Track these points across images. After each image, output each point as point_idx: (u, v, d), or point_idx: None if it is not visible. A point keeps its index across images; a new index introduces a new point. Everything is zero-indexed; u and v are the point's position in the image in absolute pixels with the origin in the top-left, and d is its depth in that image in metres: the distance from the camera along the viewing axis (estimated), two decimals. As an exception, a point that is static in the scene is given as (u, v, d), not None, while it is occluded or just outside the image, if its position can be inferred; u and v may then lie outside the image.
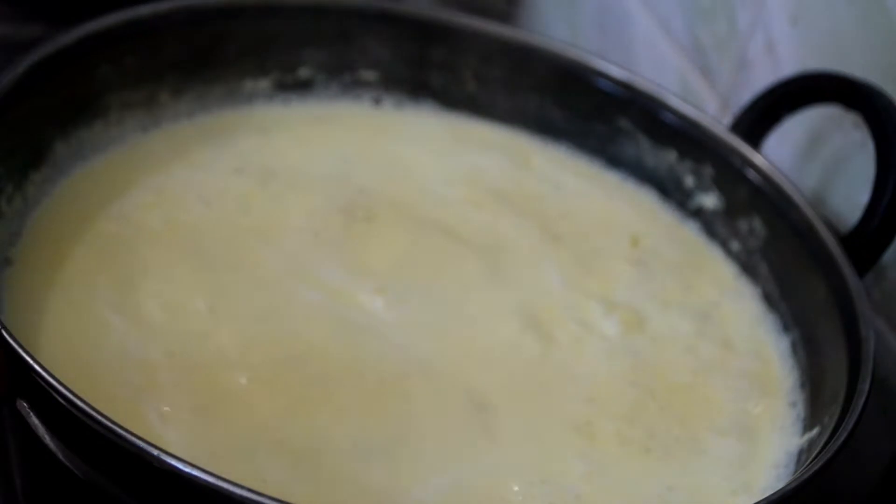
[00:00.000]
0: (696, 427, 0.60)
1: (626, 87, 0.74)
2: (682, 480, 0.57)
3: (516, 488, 0.55)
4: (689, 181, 0.73)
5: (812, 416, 0.60)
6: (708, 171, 0.72)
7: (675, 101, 0.73)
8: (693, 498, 0.56)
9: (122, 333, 0.58)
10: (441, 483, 0.54)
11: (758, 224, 0.69)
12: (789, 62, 0.72)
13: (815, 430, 0.58)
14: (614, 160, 0.76)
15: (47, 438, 0.49)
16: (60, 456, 0.49)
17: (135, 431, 0.46)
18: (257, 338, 0.59)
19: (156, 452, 0.45)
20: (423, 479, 0.54)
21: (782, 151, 0.72)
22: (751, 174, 0.69)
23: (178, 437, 0.53)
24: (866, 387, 0.54)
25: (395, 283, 0.64)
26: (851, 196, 0.68)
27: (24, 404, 0.50)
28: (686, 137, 0.72)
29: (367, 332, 0.61)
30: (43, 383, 0.47)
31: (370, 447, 0.55)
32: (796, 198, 0.66)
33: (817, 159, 0.72)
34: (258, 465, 0.53)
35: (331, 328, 0.60)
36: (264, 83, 0.75)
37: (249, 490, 0.44)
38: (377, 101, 0.78)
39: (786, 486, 0.50)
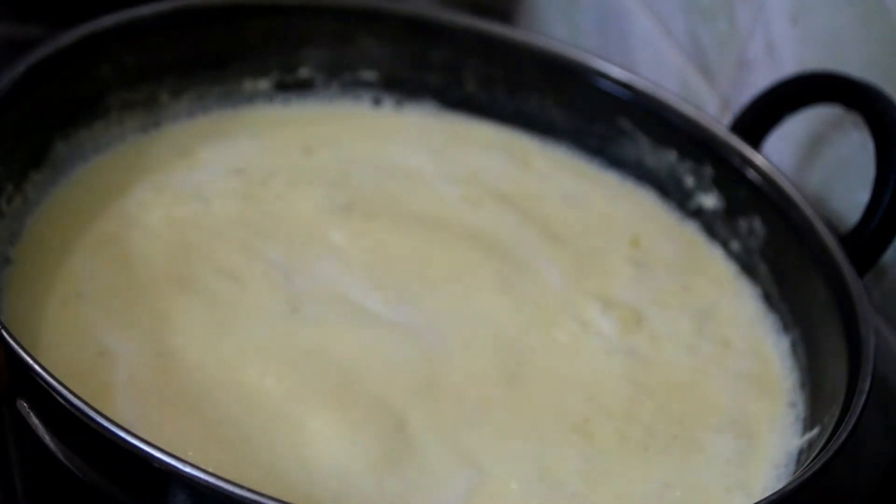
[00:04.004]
0: (694, 426, 0.60)
1: (626, 87, 0.74)
2: (680, 478, 0.57)
3: (514, 486, 0.55)
4: (689, 181, 0.73)
5: (812, 416, 0.60)
6: (708, 171, 0.72)
7: (675, 101, 0.73)
8: (690, 496, 0.56)
9: (123, 333, 0.58)
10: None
11: (758, 224, 0.69)
12: (789, 62, 0.72)
13: (815, 430, 0.58)
14: (614, 160, 0.76)
15: (47, 438, 0.49)
16: (60, 456, 0.49)
17: (134, 431, 0.46)
18: (257, 337, 0.59)
19: (156, 453, 0.45)
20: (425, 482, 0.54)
21: (782, 151, 0.72)
22: (751, 174, 0.69)
23: (175, 437, 0.53)
24: (866, 387, 0.54)
25: (394, 281, 0.64)
26: (851, 196, 0.67)
27: (24, 404, 0.50)
28: (686, 137, 0.72)
29: (366, 330, 0.61)
30: (43, 383, 0.47)
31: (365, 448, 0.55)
32: (796, 198, 0.66)
33: (817, 159, 0.71)
34: (249, 463, 0.53)
35: (330, 327, 0.61)
36: (264, 83, 0.75)
37: (249, 490, 0.44)
38: (377, 101, 0.78)
39: (786, 486, 0.50)
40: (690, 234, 0.73)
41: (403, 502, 0.53)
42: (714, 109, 0.79)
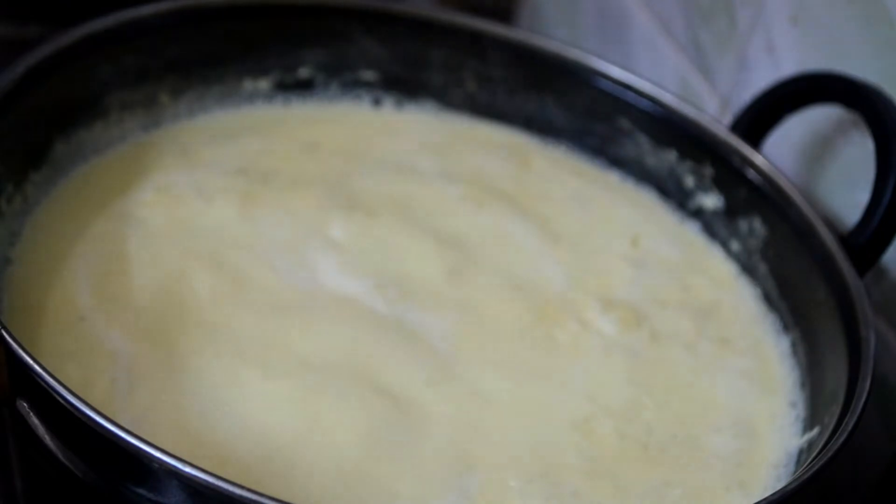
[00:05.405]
0: (694, 425, 0.60)
1: (626, 87, 0.74)
2: (680, 477, 0.57)
3: (514, 484, 0.55)
4: (689, 181, 0.73)
5: (812, 416, 0.60)
6: (708, 171, 0.72)
7: (675, 101, 0.73)
8: (689, 495, 0.56)
9: (123, 333, 0.58)
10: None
11: (758, 224, 0.69)
12: (789, 62, 0.72)
13: (815, 430, 0.58)
14: (614, 160, 0.76)
15: (47, 438, 0.49)
16: (60, 456, 0.49)
17: (134, 432, 0.46)
18: (259, 336, 0.59)
19: (156, 453, 0.45)
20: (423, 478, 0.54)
21: (782, 151, 0.72)
22: (751, 174, 0.69)
23: (175, 436, 0.53)
24: (866, 387, 0.54)
25: (395, 281, 0.64)
26: (851, 196, 0.67)
27: (24, 404, 0.50)
28: (686, 137, 0.72)
29: (367, 329, 0.61)
30: (43, 383, 0.47)
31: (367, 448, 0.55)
32: (796, 198, 0.66)
33: (817, 159, 0.72)
34: (249, 463, 0.53)
35: (331, 326, 0.61)
36: (264, 83, 0.75)
37: (249, 490, 0.44)
38: (377, 101, 0.78)
39: (786, 486, 0.50)
40: (690, 234, 0.73)
41: (404, 501, 0.53)
42: (714, 109, 0.79)
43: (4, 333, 0.49)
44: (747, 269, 0.70)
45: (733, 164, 0.70)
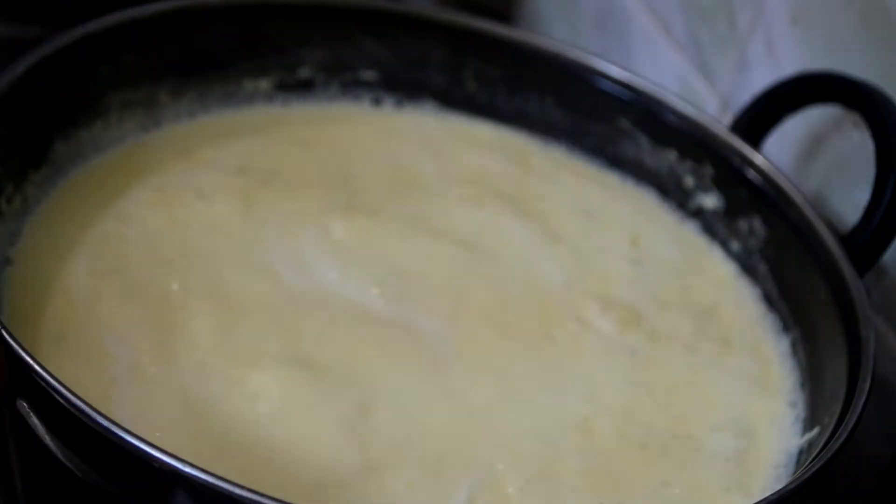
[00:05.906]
0: (693, 425, 0.60)
1: (626, 87, 0.74)
2: (679, 477, 0.57)
3: (514, 484, 0.55)
4: (689, 181, 0.73)
5: (812, 416, 0.60)
6: (708, 171, 0.72)
7: (675, 101, 0.73)
8: (688, 495, 0.56)
9: (124, 333, 0.58)
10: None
11: (758, 224, 0.69)
12: (789, 62, 0.72)
13: (815, 430, 0.58)
14: (614, 160, 0.76)
15: (47, 438, 0.49)
16: (60, 456, 0.49)
17: (134, 431, 0.46)
18: (258, 336, 0.59)
19: (156, 453, 0.45)
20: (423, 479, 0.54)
21: (782, 151, 0.72)
22: (751, 174, 0.69)
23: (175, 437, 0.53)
24: (866, 387, 0.54)
25: (394, 280, 0.64)
26: (851, 196, 0.68)
27: (24, 404, 0.50)
28: (686, 137, 0.72)
29: (366, 329, 0.61)
30: (43, 383, 0.47)
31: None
32: (796, 198, 0.66)
33: (817, 159, 0.72)
34: (248, 462, 0.53)
35: (331, 326, 0.61)
36: (264, 83, 0.75)
37: (249, 490, 0.44)
38: (377, 101, 0.78)
39: (786, 486, 0.50)
40: (690, 234, 0.73)
41: (404, 502, 0.53)
42: (714, 109, 0.79)
43: (4, 333, 0.49)
44: (747, 269, 0.70)
45: (733, 164, 0.70)
